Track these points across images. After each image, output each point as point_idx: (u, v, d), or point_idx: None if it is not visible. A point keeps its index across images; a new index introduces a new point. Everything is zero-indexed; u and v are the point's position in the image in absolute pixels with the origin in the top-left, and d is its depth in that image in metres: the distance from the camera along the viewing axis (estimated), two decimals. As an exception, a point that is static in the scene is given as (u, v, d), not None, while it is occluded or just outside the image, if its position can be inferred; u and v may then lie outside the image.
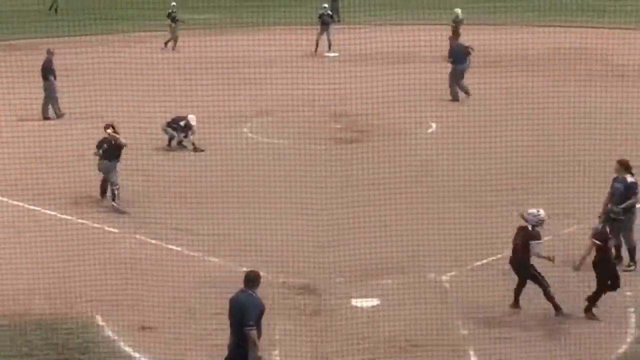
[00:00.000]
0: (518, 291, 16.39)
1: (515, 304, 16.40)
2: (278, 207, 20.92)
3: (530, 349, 15.11)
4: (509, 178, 21.51)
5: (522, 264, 16.16)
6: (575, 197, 19.39)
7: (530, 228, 16.11)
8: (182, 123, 25.90)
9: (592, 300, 16.01)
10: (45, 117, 29.61)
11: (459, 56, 31.61)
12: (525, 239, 16.08)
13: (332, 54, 38.59)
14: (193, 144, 25.82)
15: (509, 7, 40.34)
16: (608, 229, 16.18)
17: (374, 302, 16.92)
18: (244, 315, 13.09)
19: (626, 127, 24.05)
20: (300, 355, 15.01)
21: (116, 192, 21.37)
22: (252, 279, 13.40)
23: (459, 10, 38.80)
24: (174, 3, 41.92)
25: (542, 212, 16.19)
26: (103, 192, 21.87)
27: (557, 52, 34.54)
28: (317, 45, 38.49)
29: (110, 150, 21.55)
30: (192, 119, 25.87)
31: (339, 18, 47.19)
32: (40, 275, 17.42)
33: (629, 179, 17.92)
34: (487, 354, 15.03)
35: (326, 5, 39.49)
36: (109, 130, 21.72)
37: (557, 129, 24.61)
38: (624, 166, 18.10)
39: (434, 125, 27.74)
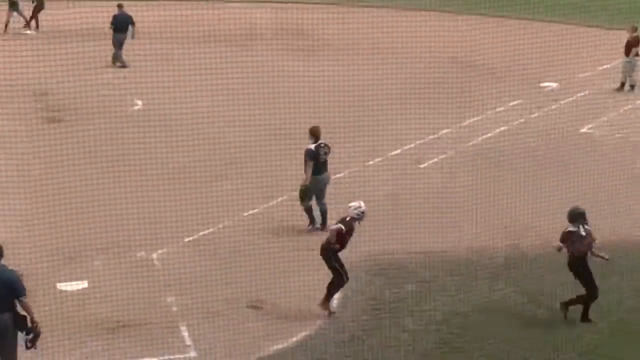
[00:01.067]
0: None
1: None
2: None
3: (239, 324, 15.25)
4: (219, 153, 21.59)
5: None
6: (282, 170, 19.79)
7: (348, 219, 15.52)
8: None
9: (573, 302, 15.35)
10: None
11: (120, 25, 32.03)
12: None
13: (29, 32, 37.11)
14: None
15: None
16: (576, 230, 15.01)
17: (82, 284, 16.49)
18: (14, 288, 12.69)
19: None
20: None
21: None
22: None
23: None
24: None
25: (362, 204, 15.62)
26: None
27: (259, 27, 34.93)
28: (6, 25, 36.96)
29: None
30: None
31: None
32: None
33: (308, 145, 18.50)
34: (198, 329, 15.05)
35: None
36: None
37: (268, 103, 24.98)
38: (310, 133, 18.65)
39: (140, 102, 27.34)
